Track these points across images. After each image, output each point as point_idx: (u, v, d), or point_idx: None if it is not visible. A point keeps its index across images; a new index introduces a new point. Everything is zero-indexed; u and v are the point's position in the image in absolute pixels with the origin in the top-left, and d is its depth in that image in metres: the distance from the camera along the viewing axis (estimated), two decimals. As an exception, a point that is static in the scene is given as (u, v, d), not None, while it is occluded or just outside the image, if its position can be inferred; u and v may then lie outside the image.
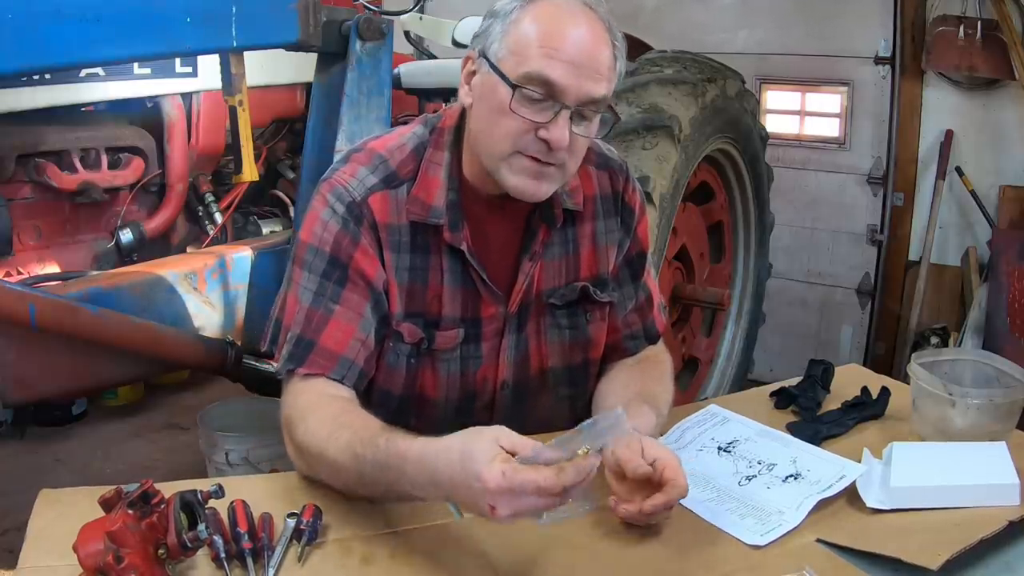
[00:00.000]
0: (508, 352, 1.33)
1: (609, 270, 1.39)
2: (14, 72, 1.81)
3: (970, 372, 1.45)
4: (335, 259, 1.23)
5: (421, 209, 1.25)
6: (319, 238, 1.24)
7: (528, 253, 1.30)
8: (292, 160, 2.99)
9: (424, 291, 1.27)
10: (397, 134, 1.31)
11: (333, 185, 1.25)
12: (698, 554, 1.08)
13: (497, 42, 1.18)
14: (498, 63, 1.17)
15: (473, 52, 1.23)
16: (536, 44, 1.15)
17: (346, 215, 1.23)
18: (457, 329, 1.29)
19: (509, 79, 1.15)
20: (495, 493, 0.91)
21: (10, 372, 1.80)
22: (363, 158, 1.27)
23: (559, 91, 1.14)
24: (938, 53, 3.42)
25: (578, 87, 1.15)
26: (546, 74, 1.14)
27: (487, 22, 1.21)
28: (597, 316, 1.39)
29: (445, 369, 1.30)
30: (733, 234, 3.13)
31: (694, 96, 2.53)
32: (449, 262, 1.27)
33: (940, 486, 1.19)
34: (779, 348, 3.80)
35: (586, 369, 1.41)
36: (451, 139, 1.28)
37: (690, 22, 3.92)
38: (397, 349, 1.27)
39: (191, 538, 0.95)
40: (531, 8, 1.17)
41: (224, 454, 2.46)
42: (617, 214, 1.39)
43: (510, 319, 1.32)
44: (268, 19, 2.01)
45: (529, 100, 1.15)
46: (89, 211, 2.33)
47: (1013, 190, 3.45)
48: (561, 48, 1.14)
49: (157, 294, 2.08)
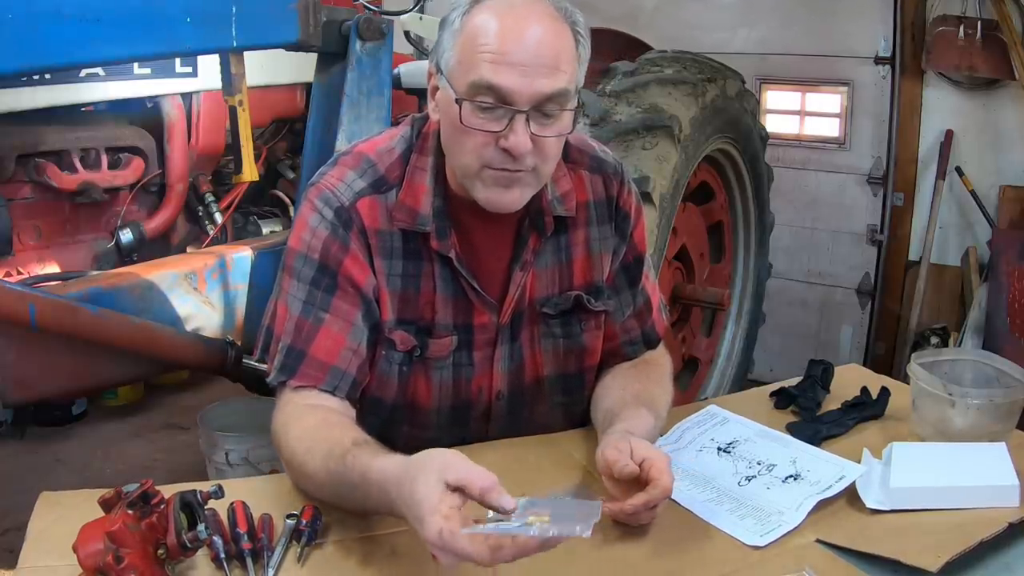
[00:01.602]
0: (502, 362, 1.31)
1: (604, 278, 1.36)
2: (14, 72, 1.81)
3: (970, 372, 1.45)
4: (324, 266, 1.21)
5: (408, 216, 1.22)
6: (307, 245, 1.22)
7: (519, 263, 1.28)
8: (292, 160, 2.99)
9: (417, 298, 1.25)
10: (387, 136, 1.29)
11: (321, 190, 1.23)
12: (698, 554, 1.08)
13: (447, 53, 1.15)
14: (449, 76, 1.14)
15: (432, 67, 1.20)
16: (478, 50, 1.10)
17: (335, 220, 1.21)
18: (450, 337, 1.27)
19: (456, 92, 1.12)
20: (433, 545, 0.89)
21: (10, 372, 1.80)
22: (351, 161, 1.25)
23: (507, 96, 1.10)
24: (938, 53, 3.42)
25: (528, 87, 1.10)
26: (490, 79, 1.09)
27: (440, 34, 1.17)
28: (592, 324, 1.36)
29: (437, 377, 1.29)
30: (733, 234, 3.13)
31: (694, 96, 2.53)
32: (440, 269, 1.25)
33: (940, 487, 1.19)
34: (779, 348, 3.80)
35: (582, 377, 1.39)
36: (435, 143, 1.25)
37: (690, 22, 3.92)
38: (389, 357, 1.26)
39: (191, 538, 0.95)
40: (473, 12, 1.13)
41: (224, 454, 2.46)
42: (611, 220, 1.36)
43: (502, 329, 1.30)
44: (268, 19, 2.01)
45: (480, 110, 1.11)
46: (89, 211, 2.33)
47: (1013, 190, 3.45)
48: (504, 49, 1.09)
49: (157, 294, 2.08)
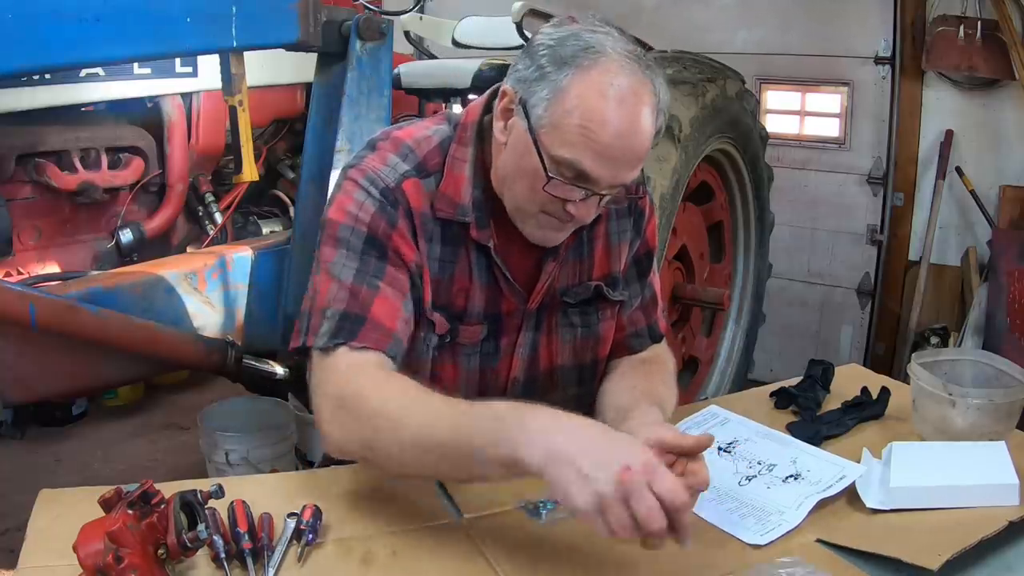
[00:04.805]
0: (522, 349, 1.33)
1: (620, 269, 1.39)
2: (14, 72, 1.80)
3: (970, 372, 1.45)
4: (372, 238, 1.18)
5: (449, 206, 1.23)
6: (355, 218, 1.18)
7: (553, 254, 1.30)
8: (292, 160, 2.99)
9: (451, 284, 1.26)
10: (422, 126, 1.29)
11: (364, 171, 1.21)
12: (698, 554, 1.08)
13: (541, 105, 1.13)
14: (537, 129, 1.13)
15: (511, 91, 1.17)
16: (577, 128, 1.10)
17: (382, 198, 1.19)
18: (481, 325, 1.28)
19: (545, 161, 1.13)
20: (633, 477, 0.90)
21: (10, 372, 1.80)
22: (390, 146, 1.24)
23: (593, 181, 1.13)
24: (938, 53, 3.42)
25: (612, 178, 1.14)
26: (582, 165, 1.12)
27: (535, 70, 1.14)
28: (608, 314, 1.39)
29: (466, 364, 1.30)
30: (733, 234, 3.13)
31: (694, 96, 2.53)
32: (476, 257, 1.26)
33: (940, 486, 1.19)
34: (779, 348, 3.80)
35: (594, 368, 1.41)
36: (474, 134, 1.26)
37: (690, 22, 3.92)
38: (427, 339, 1.25)
39: (191, 538, 0.95)
40: (582, 79, 1.11)
41: (224, 454, 2.46)
42: (631, 214, 1.39)
43: (528, 317, 1.32)
44: (268, 19, 2.02)
45: (564, 183, 1.13)
46: (89, 211, 2.34)
47: (1013, 190, 3.44)
48: (601, 138, 1.10)
49: (157, 294, 2.08)
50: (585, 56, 1.11)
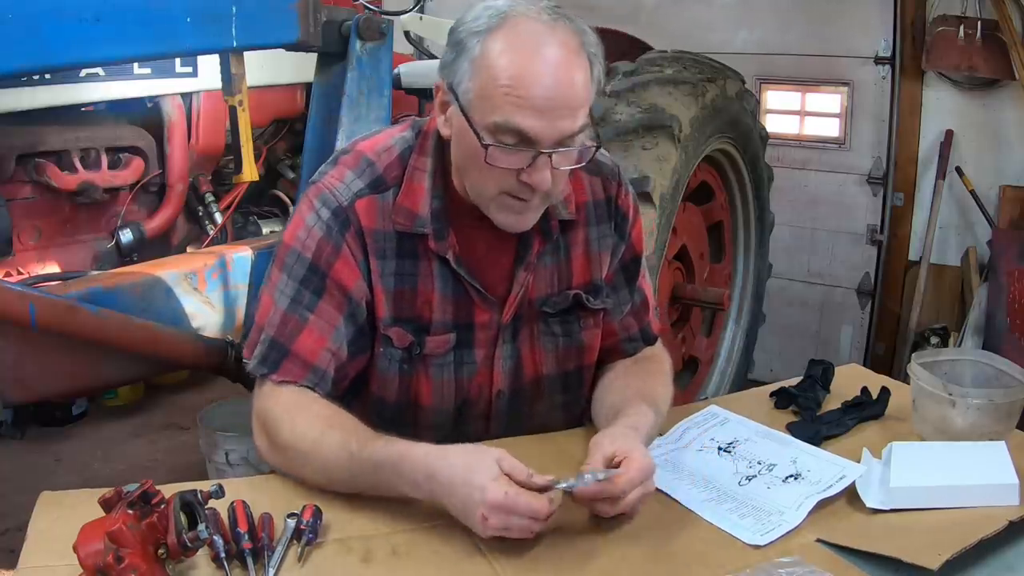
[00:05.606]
0: (503, 360, 1.32)
1: (603, 276, 1.38)
2: (14, 72, 1.81)
3: (970, 372, 1.45)
4: (315, 267, 1.22)
5: (407, 219, 1.23)
6: (302, 243, 1.23)
7: (523, 264, 1.29)
8: (292, 160, 3.00)
9: (413, 296, 1.26)
10: (387, 135, 1.30)
11: (320, 190, 1.24)
12: (698, 554, 1.08)
13: (465, 80, 1.13)
14: (468, 108, 1.13)
15: (442, 82, 1.18)
16: (502, 90, 1.09)
17: (331, 221, 1.22)
18: (449, 334, 1.28)
19: (480, 133, 1.12)
20: (493, 507, 1.01)
21: (10, 372, 1.80)
22: (350, 161, 1.26)
23: (533, 139, 1.11)
24: (938, 53, 3.42)
25: (553, 129, 1.11)
26: (516, 123, 1.10)
27: (452, 52, 1.16)
28: (591, 323, 1.38)
29: (439, 375, 1.29)
30: (733, 234, 3.13)
31: (694, 96, 2.53)
32: (439, 268, 1.26)
33: (940, 486, 1.19)
34: (779, 348, 3.80)
35: (580, 375, 1.40)
36: (435, 143, 1.26)
37: (690, 22, 3.92)
38: (388, 354, 1.27)
39: (191, 538, 0.95)
40: (494, 40, 1.11)
41: (224, 454, 2.46)
42: (611, 219, 1.37)
43: (504, 328, 1.31)
44: (268, 19, 2.02)
45: (503, 149, 1.12)
46: (89, 211, 2.34)
47: (1013, 190, 3.44)
48: (529, 93, 1.09)
49: (157, 294, 2.08)
50: (494, 21, 1.12)
